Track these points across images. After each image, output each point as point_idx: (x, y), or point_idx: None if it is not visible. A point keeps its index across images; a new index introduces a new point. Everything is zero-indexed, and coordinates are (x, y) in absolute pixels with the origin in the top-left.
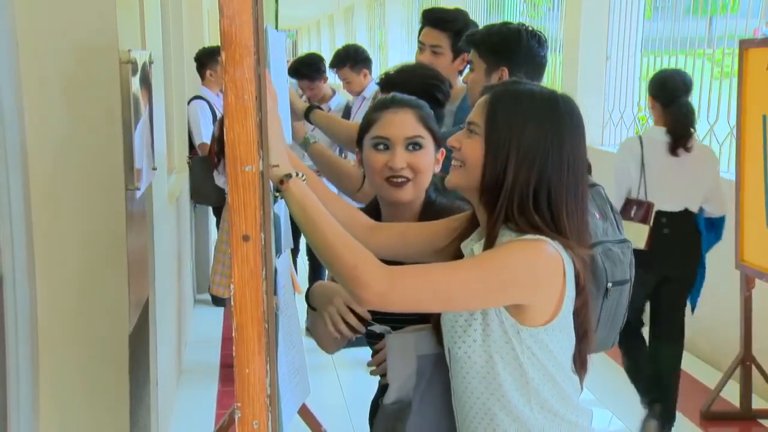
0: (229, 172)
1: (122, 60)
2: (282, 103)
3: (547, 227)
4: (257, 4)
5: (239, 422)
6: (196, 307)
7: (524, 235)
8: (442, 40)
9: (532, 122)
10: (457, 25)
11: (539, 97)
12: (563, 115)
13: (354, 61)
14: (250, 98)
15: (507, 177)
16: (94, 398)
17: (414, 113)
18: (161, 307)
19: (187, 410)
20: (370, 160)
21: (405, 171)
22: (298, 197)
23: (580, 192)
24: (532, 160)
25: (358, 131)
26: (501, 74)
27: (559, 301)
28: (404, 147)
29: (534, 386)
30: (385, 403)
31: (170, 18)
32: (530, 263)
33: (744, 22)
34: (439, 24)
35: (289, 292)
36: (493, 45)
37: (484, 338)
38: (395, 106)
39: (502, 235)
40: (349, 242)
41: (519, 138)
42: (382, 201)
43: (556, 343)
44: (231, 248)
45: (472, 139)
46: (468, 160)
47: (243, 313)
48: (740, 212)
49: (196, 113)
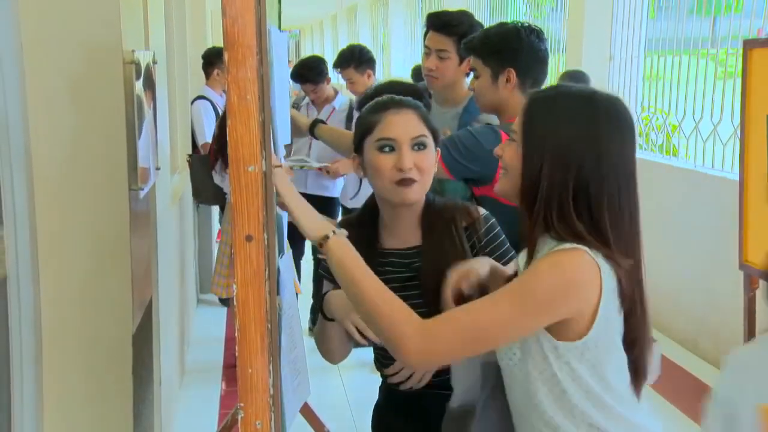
0: (231, 173)
1: (126, 60)
2: (283, 102)
3: (589, 235)
4: (260, 5)
5: (242, 422)
6: (199, 306)
7: (563, 245)
8: (447, 45)
9: (566, 122)
10: (462, 28)
11: (575, 96)
12: (601, 114)
13: (358, 62)
14: (252, 98)
15: (542, 179)
16: (97, 398)
17: (416, 113)
18: (165, 307)
19: (191, 410)
20: (375, 162)
21: (413, 171)
22: (337, 256)
23: (626, 198)
24: (568, 161)
25: (355, 135)
26: (508, 76)
27: (595, 312)
28: (410, 147)
29: (574, 401)
30: (451, 406)
31: (174, 18)
32: (563, 276)
33: (748, 22)
34: (444, 28)
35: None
36: (494, 48)
37: (522, 354)
38: (396, 107)
39: (543, 244)
40: (388, 300)
41: (553, 139)
42: (385, 203)
43: (596, 356)
44: (234, 248)
45: (511, 146)
46: (509, 166)
47: (246, 313)
48: (744, 212)
49: (200, 113)
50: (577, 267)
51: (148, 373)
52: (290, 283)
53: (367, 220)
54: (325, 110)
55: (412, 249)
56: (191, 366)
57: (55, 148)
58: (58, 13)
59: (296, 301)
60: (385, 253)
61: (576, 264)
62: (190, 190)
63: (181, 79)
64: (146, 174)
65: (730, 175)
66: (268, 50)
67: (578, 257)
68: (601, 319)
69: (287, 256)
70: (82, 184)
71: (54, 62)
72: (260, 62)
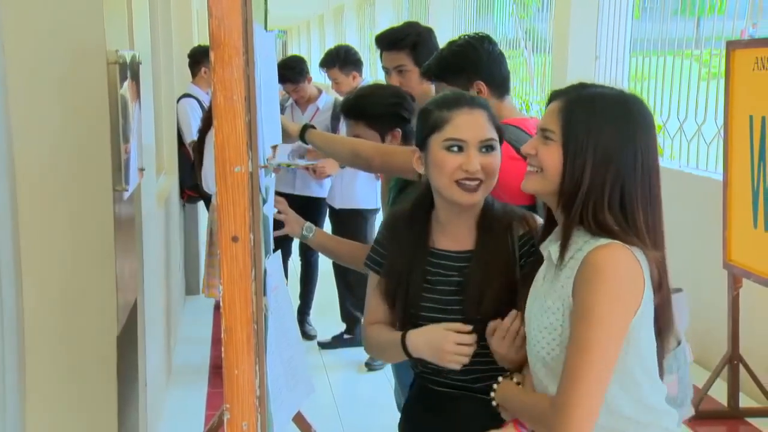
0: (218, 173)
1: (110, 60)
2: (271, 102)
3: (621, 228)
4: (246, 5)
5: (228, 423)
6: (186, 307)
7: (599, 240)
8: (402, 59)
9: (606, 125)
10: (411, 39)
11: (610, 99)
12: (635, 115)
13: (343, 62)
14: (239, 99)
15: (584, 181)
16: (81, 400)
17: (485, 114)
18: (150, 308)
19: (177, 411)
20: (441, 161)
21: (479, 173)
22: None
23: (654, 192)
24: (608, 162)
25: (420, 130)
26: (478, 88)
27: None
28: (478, 150)
29: (612, 391)
30: None
31: (159, 18)
32: (621, 290)
33: (731, 23)
34: (393, 46)
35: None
36: (454, 68)
37: (561, 350)
38: (469, 106)
39: (576, 236)
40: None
41: (596, 142)
42: (443, 202)
43: (638, 345)
44: (220, 249)
45: (549, 146)
46: (546, 166)
47: (232, 314)
48: (727, 212)
49: (186, 111)
50: (628, 269)
51: (133, 374)
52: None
53: (419, 217)
54: (309, 110)
55: (465, 252)
56: (178, 367)
57: (38, 149)
58: (40, 12)
59: (290, 300)
60: (437, 253)
61: (624, 268)
62: (176, 191)
63: (166, 80)
64: (130, 175)
65: (714, 176)
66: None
67: (623, 260)
68: (646, 308)
69: (275, 256)
70: (66, 185)
71: (36, 62)
72: (246, 63)
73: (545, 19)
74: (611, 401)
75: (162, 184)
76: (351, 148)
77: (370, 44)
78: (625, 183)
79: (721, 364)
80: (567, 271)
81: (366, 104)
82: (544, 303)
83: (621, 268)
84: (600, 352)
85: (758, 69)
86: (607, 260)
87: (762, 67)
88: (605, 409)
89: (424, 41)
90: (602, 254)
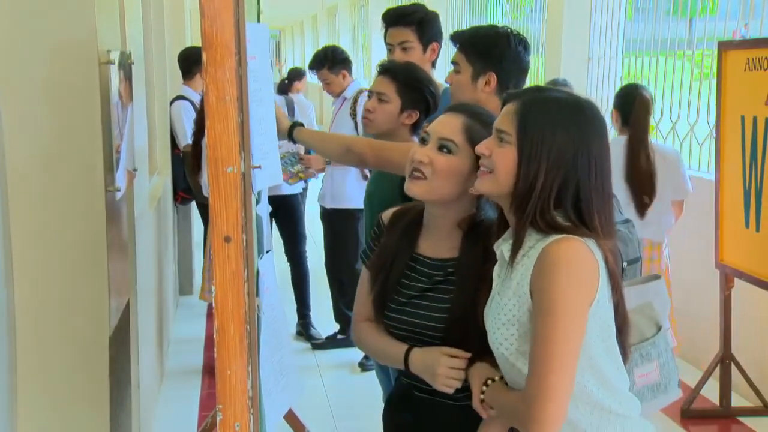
0: (210, 173)
1: (102, 60)
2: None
3: (572, 224)
4: (238, 5)
5: (221, 424)
6: (179, 308)
7: (550, 237)
8: (407, 35)
9: (561, 130)
10: (418, 15)
11: (566, 104)
12: (589, 120)
13: (332, 63)
14: (231, 99)
15: (537, 183)
16: (73, 402)
17: (464, 121)
18: (143, 309)
19: (170, 412)
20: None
21: (421, 165)
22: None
23: (607, 190)
24: (561, 165)
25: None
26: (488, 79)
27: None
28: (436, 146)
29: (581, 383)
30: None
31: (151, 18)
32: (579, 279)
33: (723, 24)
34: (400, 21)
35: (274, 293)
36: (481, 48)
37: (519, 344)
38: (455, 111)
39: (528, 235)
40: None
41: (550, 146)
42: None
43: (597, 334)
44: (212, 250)
45: (504, 148)
46: (499, 168)
47: (224, 314)
48: (719, 213)
49: (180, 114)
50: (584, 259)
51: (125, 375)
52: (273, 284)
53: (414, 218)
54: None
55: (440, 261)
56: (170, 368)
57: (30, 150)
58: (31, 12)
59: (281, 301)
60: (415, 257)
61: (581, 259)
62: (169, 192)
63: (159, 80)
64: (122, 175)
65: (706, 176)
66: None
67: (579, 252)
68: (601, 295)
69: (267, 257)
70: (58, 186)
71: (27, 62)
72: (239, 63)
73: (538, 19)
74: (581, 389)
75: (155, 185)
76: (342, 144)
77: (364, 44)
78: (580, 187)
79: (713, 364)
80: (520, 269)
81: (410, 69)
82: (500, 301)
83: (576, 258)
84: (564, 341)
85: (750, 69)
86: (562, 252)
87: (754, 67)
88: (573, 398)
89: (430, 20)
90: (558, 247)
